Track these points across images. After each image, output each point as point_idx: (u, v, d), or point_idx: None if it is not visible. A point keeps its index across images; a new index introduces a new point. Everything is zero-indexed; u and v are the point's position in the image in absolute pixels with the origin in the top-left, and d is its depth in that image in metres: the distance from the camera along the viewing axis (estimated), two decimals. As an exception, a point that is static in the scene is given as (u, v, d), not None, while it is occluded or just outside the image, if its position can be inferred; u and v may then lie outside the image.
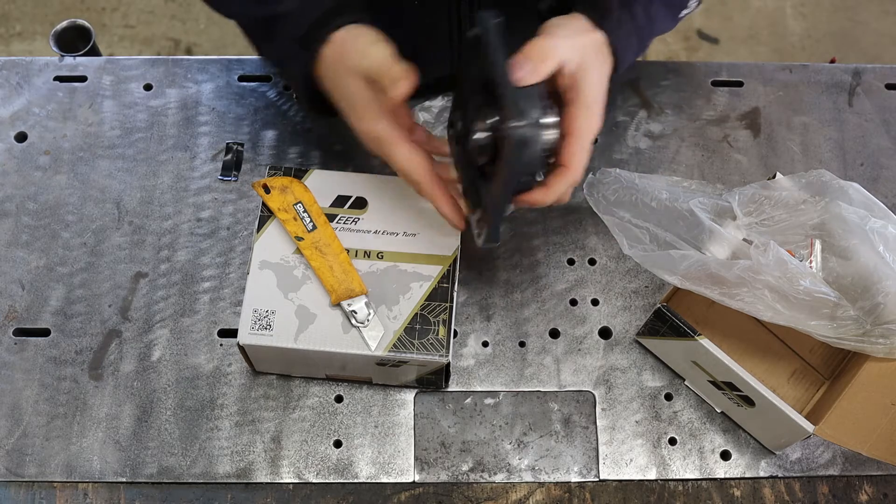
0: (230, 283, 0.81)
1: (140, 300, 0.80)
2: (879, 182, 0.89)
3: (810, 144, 0.90)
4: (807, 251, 0.75)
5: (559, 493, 0.75)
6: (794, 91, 0.93)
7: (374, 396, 0.78)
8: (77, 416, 0.76)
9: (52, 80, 0.90)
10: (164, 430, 0.76)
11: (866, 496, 0.76)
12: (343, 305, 0.71)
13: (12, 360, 0.78)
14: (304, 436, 0.76)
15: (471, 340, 0.80)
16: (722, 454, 0.77)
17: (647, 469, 0.76)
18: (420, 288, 0.72)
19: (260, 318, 0.71)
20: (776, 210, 0.76)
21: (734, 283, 0.69)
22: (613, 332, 0.81)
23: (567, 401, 0.78)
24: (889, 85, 0.94)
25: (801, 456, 0.77)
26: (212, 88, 0.90)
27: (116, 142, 0.87)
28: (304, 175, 0.77)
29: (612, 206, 0.77)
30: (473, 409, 0.78)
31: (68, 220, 0.84)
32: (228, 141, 0.88)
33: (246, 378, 0.78)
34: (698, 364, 0.75)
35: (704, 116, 0.91)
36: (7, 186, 0.85)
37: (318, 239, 0.73)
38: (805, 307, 0.69)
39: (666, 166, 0.88)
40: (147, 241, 0.83)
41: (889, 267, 0.71)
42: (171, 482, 0.74)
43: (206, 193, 0.85)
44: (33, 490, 0.74)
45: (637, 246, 0.74)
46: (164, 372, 0.78)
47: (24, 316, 0.80)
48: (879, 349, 0.69)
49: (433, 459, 0.76)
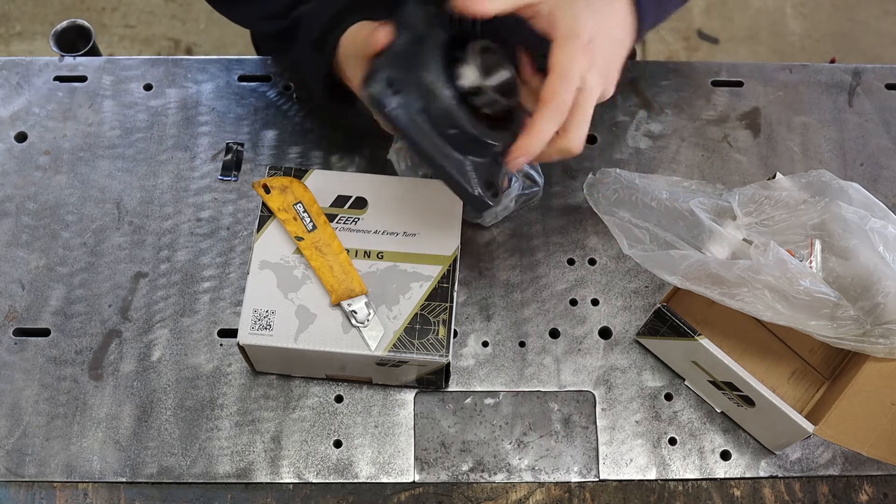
0: (230, 283, 0.81)
1: (140, 300, 0.80)
2: (879, 182, 0.89)
3: (810, 144, 0.90)
4: (807, 251, 0.75)
5: (559, 493, 0.75)
6: (794, 91, 0.93)
7: (374, 396, 0.78)
8: (77, 416, 0.76)
9: (52, 80, 0.90)
10: (164, 430, 0.76)
11: (866, 496, 0.76)
12: (343, 305, 0.71)
13: (12, 360, 0.78)
14: (304, 436, 0.76)
15: (471, 340, 0.80)
16: (722, 454, 0.77)
17: (647, 469, 0.76)
18: (420, 288, 0.72)
19: (260, 318, 0.71)
20: (776, 210, 0.76)
21: (734, 283, 0.69)
22: (613, 332, 0.81)
23: (567, 401, 0.78)
24: (889, 85, 0.94)
25: (801, 456, 0.77)
26: (212, 88, 0.90)
27: (116, 142, 0.87)
28: (304, 175, 0.77)
29: (612, 206, 0.77)
30: (473, 409, 0.78)
31: (68, 220, 0.84)
32: (228, 141, 0.88)
33: (246, 378, 0.78)
34: (698, 364, 0.75)
35: (704, 116, 0.91)
36: (7, 186, 0.85)
37: (318, 239, 0.73)
38: (805, 307, 0.69)
39: (666, 166, 0.88)
40: (147, 241, 0.83)
41: (889, 267, 0.71)
42: (171, 482, 0.74)
43: (206, 193, 0.85)
44: (33, 490, 0.74)
45: (637, 246, 0.74)
46: (164, 372, 0.78)
47: (24, 316, 0.80)
48: (879, 349, 0.69)
49: (433, 459, 0.76)
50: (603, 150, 0.89)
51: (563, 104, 0.63)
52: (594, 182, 0.78)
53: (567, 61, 0.64)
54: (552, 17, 0.64)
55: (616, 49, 0.67)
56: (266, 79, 0.91)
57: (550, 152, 0.65)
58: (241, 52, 1.90)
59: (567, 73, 0.63)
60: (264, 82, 0.91)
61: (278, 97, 0.90)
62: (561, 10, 0.64)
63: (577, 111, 0.64)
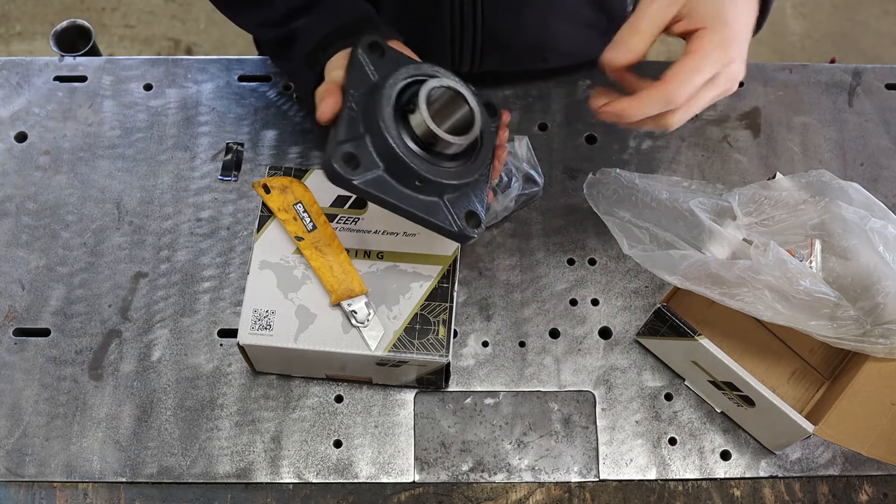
0: (230, 283, 0.81)
1: (140, 300, 0.80)
2: (879, 182, 0.89)
3: (810, 144, 0.90)
4: (807, 251, 0.75)
5: (559, 493, 0.75)
6: (794, 91, 0.93)
7: (374, 396, 0.78)
8: (77, 416, 0.76)
9: (52, 80, 0.90)
10: (164, 430, 0.76)
11: (866, 496, 0.76)
12: (343, 305, 0.71)
13: (12, 360, 0.78)
14: (304, 436, 0.76)
15: (471, 340, 0.80)
16: (722, 454, 0.77)
17: (647, 469, 0.76)
18: (420, 288, 0.72)
19: (260, 318, 0.71)
20: (776, 210, 0.76)
21: (734, 283, 0.69)
22: (613, 332, 0.81)
23: (567, 401, 0.78)
24: (889, 85, 0.94)
25: (801, 456, 0.77)
26: (212, 88, 0.90)
27: (116, 142, 0.87)
28: (304, 175, 0.77)
29: (612, 206, 0.77)
30: (473, 409, 0.78)
31: (68, 220, 0.84)
32: (228, 141, 0.88)
33: (246, 378, 0.78)
34: (698, 364, 0.75)
35: (704, 116, 0.91)
36: (7, 186, 0.85)
37: (318, 239, 0.73)
38: (805, 307, 0.69)
39: (666, 166, 0.88)
40: (147, 241, 0.83)
41: (889, 267, 0.71)
42: (171, 482, 0.74)
43: (206, 193, 0.85)
44: (33, 490, 0.74)
45: (637, 246, 0.74)
46: (164, 372, 0.78)
47: (24, 316, 0.80)
48: (879, 349, 0.69)
49: (433, 459, 0.76)
50: (603, 150, 0.89)
51: (683, 95, 0.60)
52: (594, 182, 0.78)
53: (709, 50, 0.60)
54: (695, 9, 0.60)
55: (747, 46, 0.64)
56: (266, 79, 0.91)
57: (645, 122, 0.63)
58: (241, 52, 1.91)
59: (700, 63, 0.60)
60: (264, 82, 0.91)
61: (278, 97, 0.90)
62: (703, 2, 0.61)
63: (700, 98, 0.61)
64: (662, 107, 0.61)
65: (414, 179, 0.63)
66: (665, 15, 0.62)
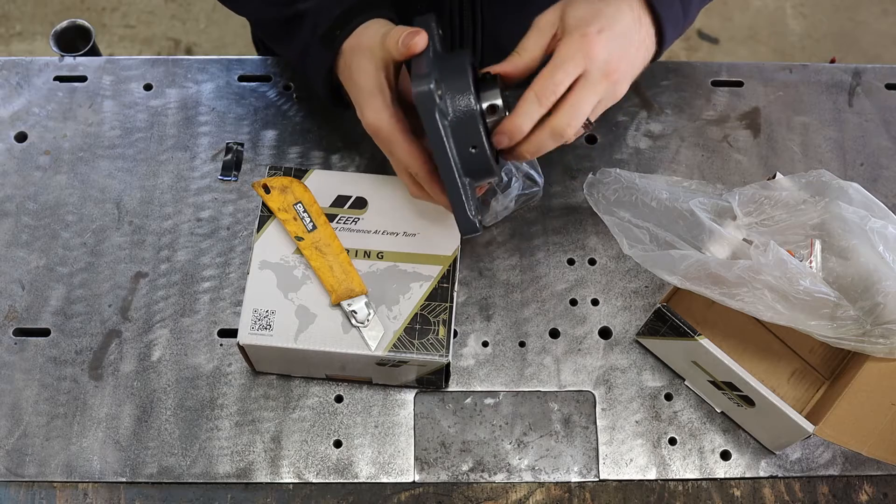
0: (230, 283, 0.81)
1: (140, 300, 0.80)
2: (879, 182, 0.89)
3: (810, 144, 0.90)
4: (807, 251, 0.75)
5: (559, 493, 0.75)
6: (794, 91, 0.93)
7: (374, 396, 0.78)
8: (77, 416, 0.76)
9: (52, 80, 0.90)
10: (164, 430, 0.76)
11: (866, 496, 0.76)
12: (343, 305, 0.71)
13: (12, 360, 0.78)
14: (304, 436, 0.76)
15: (471, 340, 0.80)
16: (722, 454, 0.77)
17: (647, 469, 0.76)
18: (420, 288, 0.72)
19: (260, 318, 0.71)
20: (776, 210, 0.76)
21: (734, 283, 0.69)
22: (613, 332, 0.81)
23: (567, 401, 0.78)
24: (889, 85, 0.94)
25: (801, 456, 0.77)
26: (212, 88, 0.90)
27: (116, 142, 0.87)
28: (304, 175, 0.77)
29: (612, 206, 0.77)
30: (473, 409, 0.78)
31: (68, 220, 0.84)
32: (228, 141, 0.88)
33: (246, 378, 0.78)
34: (698, 364, 0.75)
35: (704, 116, 0.91)
36: (7, 186, 0.85)
37: (318, 239, 0.73)
38: (805, 307, 0.69)
39: (666, 166, 0.88)
40: (147, 241, 0.83)
41: (889, 267, 0.71)
42: (171, 482, 0.74)
43: (206, 193, 0.85)
44: (33, 490, 0.74)
45: (637, 246, 0.74)
46: (164, 372, 0.78)
47: (24, 316, 0.80)
48: (879, 349, 0.69)
49: (433, 459, 0.76)
50: (603, 150, 0.89)
51: (549, 90, 0.64)
52: (594, 182, 0.78)
53: (565, 50, 0.64)
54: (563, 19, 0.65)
55: (628, 50, 0.67)
56: (266, 79, 0.91)
57: (542, 137, 0.66)
58: (241, 52, 1.91)
59: (561, 61, 0.64)
60: (264, 82, 0.91)
61: (278, 97, 0.90)
62: (572, 7, 0.65)
63: (570, 95, 0.65)
64: (538, 107, 0.64)
65: (468, 143, 0.64)
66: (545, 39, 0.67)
